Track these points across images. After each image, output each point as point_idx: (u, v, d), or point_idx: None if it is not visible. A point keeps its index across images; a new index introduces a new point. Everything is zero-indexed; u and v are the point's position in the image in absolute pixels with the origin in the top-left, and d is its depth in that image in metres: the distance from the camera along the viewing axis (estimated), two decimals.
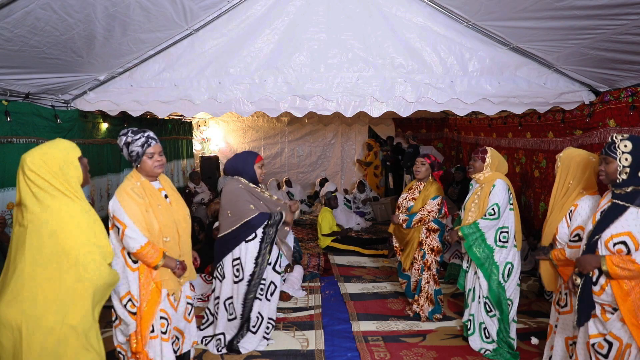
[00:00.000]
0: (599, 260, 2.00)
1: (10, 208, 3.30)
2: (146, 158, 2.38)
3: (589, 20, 2.57)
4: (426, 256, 3.61)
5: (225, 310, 3.11)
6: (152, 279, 2.38)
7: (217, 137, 9.27)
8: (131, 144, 2.36)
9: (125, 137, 2.38)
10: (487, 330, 3.12)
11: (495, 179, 3.03)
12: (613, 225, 2.00)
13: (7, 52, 2.58)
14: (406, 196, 3.75)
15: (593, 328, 2.09)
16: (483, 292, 3.08)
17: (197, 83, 3.69)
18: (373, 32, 3.61)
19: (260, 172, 3.14)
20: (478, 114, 5.93)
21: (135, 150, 2.36)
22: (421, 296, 3.68)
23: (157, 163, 2.42)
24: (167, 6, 3.05)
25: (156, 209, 2.38)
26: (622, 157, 2.00)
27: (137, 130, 2.42)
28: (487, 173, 3.08)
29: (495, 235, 3.02)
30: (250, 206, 3.00)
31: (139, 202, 2.32)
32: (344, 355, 3.14)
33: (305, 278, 4.66)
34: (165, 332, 2.43)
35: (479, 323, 3.15)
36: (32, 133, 3.47)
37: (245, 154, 3.18)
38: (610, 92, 3.38)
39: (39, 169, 1.76)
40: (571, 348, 2.47)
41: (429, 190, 3.59)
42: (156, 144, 2.42)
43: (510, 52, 3.54)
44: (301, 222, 7.64)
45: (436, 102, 3.66)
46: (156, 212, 2.37)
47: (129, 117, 4.86)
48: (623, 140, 2.01)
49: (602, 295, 2.03)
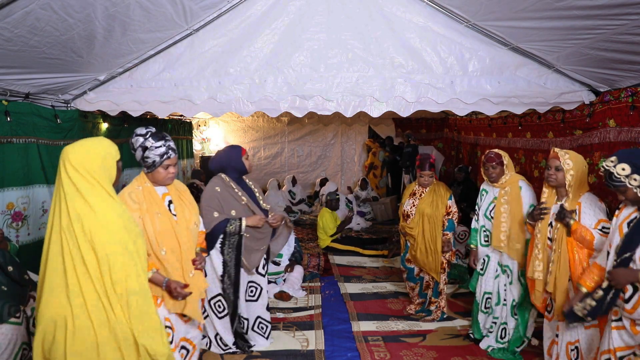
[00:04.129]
0: (635, 275, 1.92)
1: (11, 208, 3.30)
2: (161, 169, 2.24)
3: (589, 20, 2.57)
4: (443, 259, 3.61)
5: (212, 309, 3.10)
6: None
7: (217, 137, 9.28)
8: (149, 150, 2.20)
9: (144, 140, 2.20)
10: (506, 331, 3.12)
11: (517, 180, 3.03)
12: None
13: (7, 52, 2.58)
14: (412, 203, 3.72)
15: (618, 340, 2.03)
16: (514, 296, 3.05)
17: (197, 83, 3.69)
18: (373, 32, 3.60)
19: (248, 163, 3.11)
20: (478, 114, 5.93)
21: (152, 158, 2.20)
22: (441, 298, 3.71)
23: (170, 175, 2.29)
24: (167, 6, 3.05)
25: (153, 216, 2.21)
26: (630, 180, 1.93)
27: (158, 136, 2.24)
28: (508, 175, 3.06)
29: None
30: (214, 213, 2.94)
31: (132, 208, 2.17)
32: (344, 355, 3.14)
33: (305, 278, 4.67)
34: (171, 343, 2.27)
35: (500, 324, 3.14)
36: (32, 133, 3.47)
37: (229, 149, 3.17)
38: (610, 92, 3.38)
39: (80, 164, 1.71)
40: (572, 353, 2.45)
41: (440, 192, 3.62)
42: (175, 155, 2.27)
43: (510, 52, 3.54)
44: (301, 222, 7.64)
45: (436, 102, 3.65)
46: (153, 220, 2.20)
47: (129, 117, 4.85)
48: (616, 165, 1.96)
49: (634, 313, 1.96)
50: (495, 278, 3.14)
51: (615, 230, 2.09)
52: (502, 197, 3.05)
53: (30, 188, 3.48)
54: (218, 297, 3.07)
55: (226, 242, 2.97)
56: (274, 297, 4.21)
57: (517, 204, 2.98)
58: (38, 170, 3.54)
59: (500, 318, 3.14)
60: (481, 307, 3.23)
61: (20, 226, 3.39)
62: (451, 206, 3.60)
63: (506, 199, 3.03)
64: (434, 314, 3.73)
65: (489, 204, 3.14)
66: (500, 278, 3.12)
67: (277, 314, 3.87)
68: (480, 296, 3.22)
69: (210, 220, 2.92)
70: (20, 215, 3.39)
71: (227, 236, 2.96)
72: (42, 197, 3.60)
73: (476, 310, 3.28)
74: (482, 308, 3.22)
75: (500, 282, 3.12)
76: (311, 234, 6.74)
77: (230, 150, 3.15)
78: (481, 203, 3.23)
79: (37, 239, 3.53)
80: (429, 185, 3.66)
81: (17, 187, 3.34)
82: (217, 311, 3.10)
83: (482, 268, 3.20)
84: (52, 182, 3.71)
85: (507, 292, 3.10)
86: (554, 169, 2.54)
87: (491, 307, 3.18)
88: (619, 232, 2.07)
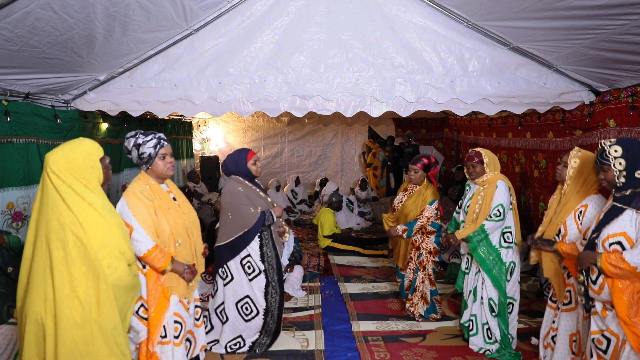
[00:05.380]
0: (595, 257, 2.07)
1: (11, 208, 3.30)
2: (158, 160, 2.33)
3: (589, 20, 2.57)
4: (422, 256, 3.60)
5: (238, 312, 3.08)
6: (160, 285, 2.31)
7: (217, 137, 9.27)
8: (142, 146, 2.29)
9: (134, 139, 2.31)
10: (490, 331, 3.12)
11: (496, 180, 3.03)
12: (610, 225, 2.07)
13: (7, 52, 2.58)
14: (401, 198, 3.73)
15: (594, 324, 2.16)
16: (488, 293, 3.07)
17: (197, 83, 3.69)
18: (373, 32, 3.60)
19: (255, 168, 3.11)
20: (478, 114, 5.93)
21: (147, 151, 2.30)
22: (415, 295, 3.68)
23: (169, 164, 2.39)
24: (167, 6, 3.05)
25: (166, 211, 2.32)
26: (616, 162, 2.05)
27: (147, 132, 2.35)
28: (490, 174, 3.07)
29: (499, 237, 3.02)
30: (250, 209, 2.99)
31: (147, 204, 2.26)
32: (344, 355, 3.14)
33: (305, 278, 4.66)
34: (178, 337, 2.38)
35: (482, 324, 3.14)
36: (32, 133, 3.47)
37: (236, 153, 3.16)
38: (610, 92, 3.38)
39: (60, 169, 1.78)
40: (574, 345, 2.48)
41: (425, 195, 3.56)
42: (168, 145, 2.38)
43: (510, 52, 3.54)
44: (301, 222, 7.64)
45: (436, 102, 3.65)
46: (166, 215, 2.32)
47: (129, 117, 4.85)
48: (612, 145, 2.06)
49: (601, 294, 2.08)
50: (475, 274, 3.17)
51: (594, 220, 2.24)
52: (479, 194, 3.09)
53: (31, 188, 3.48)
54: (245, 300, 3.06)
55: (262, 236, 3.04)
56: None
57: (487, 203, 3.02)
58: (38, 170, 3.54)
59: (479, 317, 3.15)
60: (463, 305, 3.26)
61: (20, 226, 3.39)
62: (426, 210, 3.50)
63: (482, 196, 3.07)
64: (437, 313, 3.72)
65: (469, 200, 3.18)
66: (479, 275, 3.13)
67: None
68: (467, 295, 3.23)
69: (250, 215, 2.97)
70: (20, 215, 3.39)
71: (265, 229, 3.04)
72: None
73: (463, 310, 3.29)
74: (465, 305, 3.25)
75: (479, 279, 3.14)
76: (311, 234, 6.74)
77: (237, 155, 3.14)
78: (464, 198, 3.27)
79: None
80: (417, 182, 3.62)
81: (17, 187, 3.34)
82: (244, 314, 3.08)
83: (467, 267, 3.22)
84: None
85: (483, 289, 3.11)
86: (562, 164, 2.59)
87: (465, 303, 3.21)
88: (596, 220, 2.20)
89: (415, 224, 3.52)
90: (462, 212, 3.25)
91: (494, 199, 2.99)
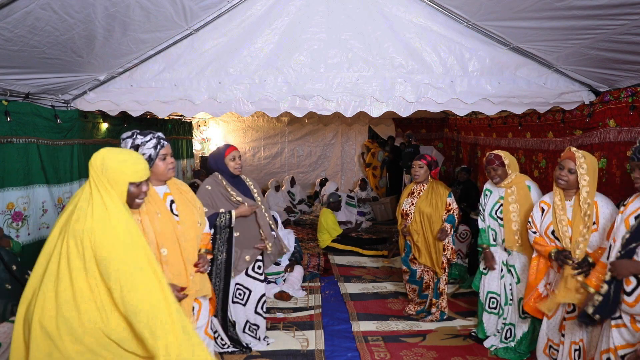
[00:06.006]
0: (638, 267, 1.87)
1: (11, 208, 3.30)
2: (159, 161, 2.18)
3: (589, 20, 2.57)
4: (449, 255, 3.58)
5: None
6: None
7: (217, 137, 9.27)
8: (141, 147, 2.14)
9: (132, 140, 2.14)
10: (511, 332, 3.11)
11: (523, 181, 2.99)
12: None
13: (7, 52, 2.58)
14: (411, 202, 3.69)
15: (619, 339, 2.00)
16: (522, 294, 2.98)
17: (197, 83, 3.69)
18: (373, 32, 3.60)
19: (233, 164, 3.00)
20: (478, 114, 5.93)
21: (147, 152, 2.14)
22: (443, 299, 3.69)
23: (170, 165, 2.25)
24: (167, 6, 3.05)
25: (154, 216, 2.15)
26: None
27: (145, 132, 2.20)
28: (512, 175, 3.01)
29: None
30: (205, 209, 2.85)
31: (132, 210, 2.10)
32: (344, 355, 3.14)
33: (305, 278, 4.67)
34: None
35: (508, 324, 3.13)
36: (32, 133, 3.47)
37: (216, 150, 3.09)
38: (610, 92, 3.38)
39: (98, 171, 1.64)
40: (575, 354, 2.45)
41: (439, 190, 3.58)
42: (167, 144, 2.24)
43: (510, 52, 3.54)
44: (301, 222, 7.64)
45: (436, 102, 3.65)
46: (152, 220, 2.14)
47: (129, 117, 4.85)
48: None
49: (635, 307, 1.91)
50: (501, 278, 3.13)
51: (621, 224, 2.04)
52: (510, 197, 3.00)
53: (31, 188, 3.48)
54: None
55: (217, 238, 2.89)
56: (274, 297, 4.21)
57: (524, 205, 2.94)
58: (38, 170, 3.54)
59: (508, 319, 3.13)
60: (485, 307, 3.22)
61: (20, 226, 3.39)
62: (451, 203, 3.56)
63: (514, 198, 2.99)
64: (432, 315, 3.72)
65: (494, 204, 3.11)
66: (506, 278, 3.11)
67: (277, 314, 3.87)
68: (484, 296, 3.21)
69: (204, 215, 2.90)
70: (21, 215, 3.39)
71: (218, 230, 2.89)
72: (42, 197, 3.60)
73: (481, 311, 3.26)
74: (487, 308, 3.21)
75: (506, 281, 3.11)
76: (311, 234, 6.74)
77: (216, 151, 3.07)
78: (486, 203, 3.19)
79: (37, 239, 3.52)
80: (420, 178, 3.61)
81: (17, 187, 3.34)
82: None
83: (486, 267, 3.20)
84: (52, 182, 3.72)
85: (512, 291, 3.09)
86: (566, 170, 2.41)
87: (500, 307, 3.16)
88: (624, 225, 2.01)
89: (453, 218, 3.53)
90: (487, 217, 3.17)
91: (533, 200, 2.90)
